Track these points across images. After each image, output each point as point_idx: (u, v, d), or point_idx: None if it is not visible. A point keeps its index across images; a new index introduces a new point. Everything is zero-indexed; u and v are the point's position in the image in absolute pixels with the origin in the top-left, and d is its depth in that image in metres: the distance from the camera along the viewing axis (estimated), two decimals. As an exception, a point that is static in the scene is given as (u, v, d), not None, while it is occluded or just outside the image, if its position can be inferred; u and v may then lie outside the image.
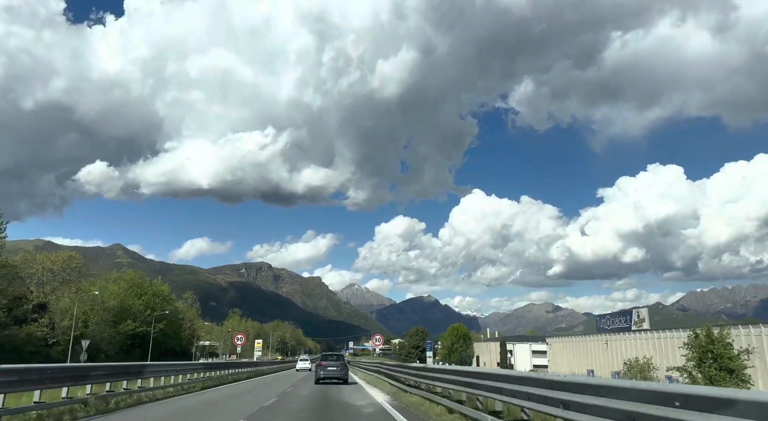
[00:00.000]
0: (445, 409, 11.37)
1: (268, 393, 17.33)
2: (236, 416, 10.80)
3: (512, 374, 9.18)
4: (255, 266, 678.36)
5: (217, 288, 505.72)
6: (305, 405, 13.39)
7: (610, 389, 5.48)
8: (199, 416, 11.60)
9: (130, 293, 65.34)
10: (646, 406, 4.75)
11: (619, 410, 5.19)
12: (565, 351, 75.38)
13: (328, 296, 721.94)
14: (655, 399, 4.64)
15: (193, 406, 13.31)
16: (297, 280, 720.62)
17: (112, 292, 60.89)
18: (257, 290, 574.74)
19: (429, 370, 16.18)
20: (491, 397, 9.55)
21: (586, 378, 8.17)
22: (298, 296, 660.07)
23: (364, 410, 12.30)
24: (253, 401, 14.50)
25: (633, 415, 4.92)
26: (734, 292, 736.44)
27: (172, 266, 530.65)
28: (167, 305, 72.25)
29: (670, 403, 4.41)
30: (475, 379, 10.46)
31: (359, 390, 19.68)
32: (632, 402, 4.98)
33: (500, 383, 9.02)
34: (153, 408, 12.41)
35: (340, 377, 23.66)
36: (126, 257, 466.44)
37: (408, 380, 18.78)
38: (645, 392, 4.91)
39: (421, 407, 12.52)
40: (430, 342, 54.82)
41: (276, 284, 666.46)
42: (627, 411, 5.03)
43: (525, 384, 7.95)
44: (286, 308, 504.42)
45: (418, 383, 16.54)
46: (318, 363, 25.30)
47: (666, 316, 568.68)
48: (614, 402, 5.32)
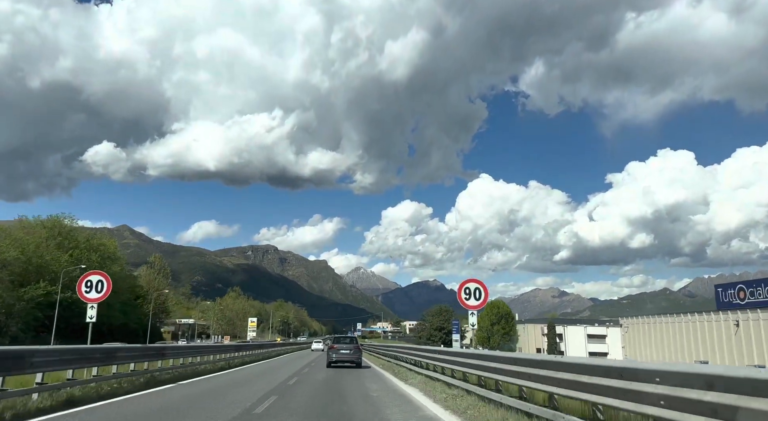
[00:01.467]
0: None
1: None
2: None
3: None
4: (261, 249, 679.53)
5: (223, 270, 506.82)
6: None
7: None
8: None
9: (49, 245, 46.52)
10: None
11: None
12: (649, 335, 59.74)
13: (334, 280, 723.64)
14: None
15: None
16: (303, 263, 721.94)
17: (14, 240, 41.54)
18: (263, 273, 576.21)
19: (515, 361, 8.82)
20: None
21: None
22: (304, 279, 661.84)
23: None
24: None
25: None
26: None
27: (180, 248, 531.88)
28: (112, 265, 52.04)
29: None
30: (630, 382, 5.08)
31: (389, 389, 13.48)
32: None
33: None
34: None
35: (353, 361, 22.97)
36: (133, 238, 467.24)
37: (451, 372, 13.65)
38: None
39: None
40: (457, 323, 48.39)
41: (282, 267, 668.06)
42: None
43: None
44: (292, 291, 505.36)
45: (482, 380, 11.01)
46: (330, 346, 24.48)
47: (673, 302, 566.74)
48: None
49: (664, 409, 4.53)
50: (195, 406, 9.79)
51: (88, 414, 8.43)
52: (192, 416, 8.56)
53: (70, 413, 8.38)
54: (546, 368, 7.39)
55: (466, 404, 9.73)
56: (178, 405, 9.81)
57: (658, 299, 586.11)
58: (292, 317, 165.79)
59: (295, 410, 9.31)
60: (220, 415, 8.44)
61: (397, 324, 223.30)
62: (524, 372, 8.22)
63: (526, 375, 8.17)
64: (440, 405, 10.20)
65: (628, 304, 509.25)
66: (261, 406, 9.57)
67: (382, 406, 10.13)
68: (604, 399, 5.67)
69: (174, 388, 12.99)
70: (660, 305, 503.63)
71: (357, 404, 10.41)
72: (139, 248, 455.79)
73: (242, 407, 9.41)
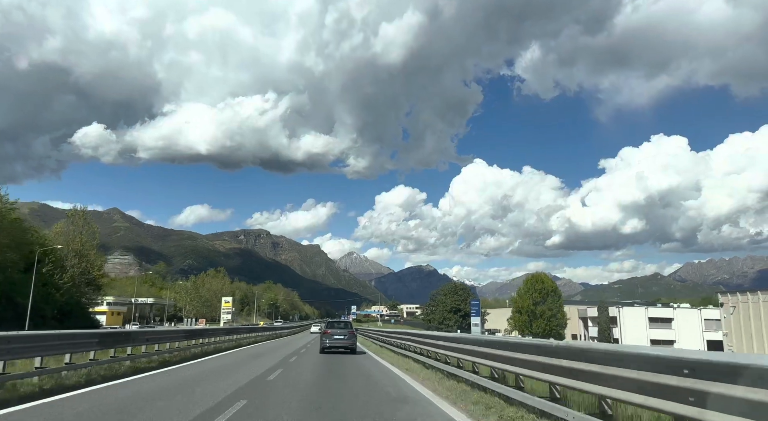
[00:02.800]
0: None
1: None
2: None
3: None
4: (254, 233, 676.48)
5: (215, 254, 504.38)
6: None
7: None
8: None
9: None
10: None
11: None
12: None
13: (327, 264, 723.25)
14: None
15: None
16: (296, 247, 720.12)
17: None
18: (256, 257, 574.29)
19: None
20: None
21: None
22: (297, 263, 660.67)
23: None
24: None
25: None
26: (732, 263, 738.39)
27: (171, 232, 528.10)
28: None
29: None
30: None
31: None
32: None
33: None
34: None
35: (347, 347, 22.13)
36: (123, 221, 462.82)
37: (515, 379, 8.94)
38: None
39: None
40: (477, 304, 41.00)
41: (275, 251, 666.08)
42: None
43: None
44: (284, 275, 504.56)
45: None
46: (323, 331, 23.51)
47: (664, 286, 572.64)
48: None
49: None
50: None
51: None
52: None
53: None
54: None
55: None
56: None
57: (649, 283, 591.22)
58: (282, 299, 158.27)
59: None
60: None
61: (393, 307, 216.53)
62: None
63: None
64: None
65: (619, 289, 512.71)
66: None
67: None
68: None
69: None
70: (651, 290, 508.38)
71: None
72: (129, 232, 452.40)
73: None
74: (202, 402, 7.99)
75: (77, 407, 7.58)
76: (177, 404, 7.84)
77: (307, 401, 8.60)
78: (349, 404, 8.39)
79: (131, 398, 8.51)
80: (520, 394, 7.79)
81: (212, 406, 7.66)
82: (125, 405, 7.80)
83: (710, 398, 3.43)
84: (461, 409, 8.15)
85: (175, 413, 7.14)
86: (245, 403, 8.02)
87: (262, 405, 7.99)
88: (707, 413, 3.42)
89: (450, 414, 7.70)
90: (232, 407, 7.55)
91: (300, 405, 8.13)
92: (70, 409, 7.40)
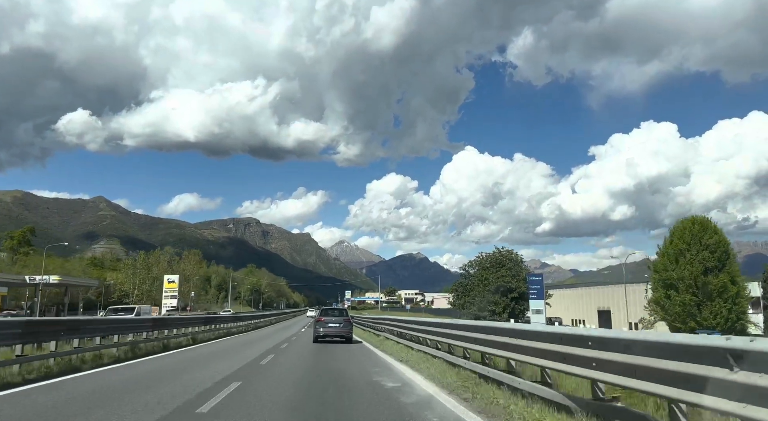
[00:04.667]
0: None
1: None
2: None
3: None
4: (243, 222, 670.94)
5: (204, 243, 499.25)
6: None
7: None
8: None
9: None
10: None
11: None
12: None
13: (318, 253, 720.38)
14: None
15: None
16: (286, 236, 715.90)
17: None
18: (245, 245, 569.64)
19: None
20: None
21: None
22: (287, 252, 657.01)
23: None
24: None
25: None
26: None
27: (158, 220, 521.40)
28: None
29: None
30: None
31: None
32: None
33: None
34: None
35: (342, 335, 21.52)
36: (109, 209, 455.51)
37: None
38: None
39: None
40: (539, 281, 28.57)
41: (265, 240, 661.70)
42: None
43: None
44: (275, 263, 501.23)
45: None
46: (317, 318, 22.78)
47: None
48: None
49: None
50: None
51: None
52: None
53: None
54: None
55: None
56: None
57: (638, 269, 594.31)
58: (265, 285, 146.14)
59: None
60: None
61: (391, 293, 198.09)
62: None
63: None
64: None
65: (608, 274, 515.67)
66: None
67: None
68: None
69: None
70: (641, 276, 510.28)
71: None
72: (115, 220, 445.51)
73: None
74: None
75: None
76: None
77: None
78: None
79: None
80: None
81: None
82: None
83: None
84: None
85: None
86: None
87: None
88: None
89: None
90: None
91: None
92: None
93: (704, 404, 3.86)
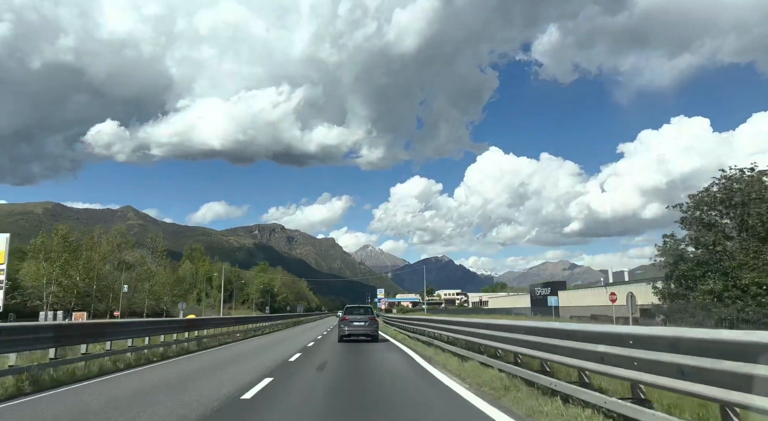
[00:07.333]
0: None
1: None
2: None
3: None
4: (268, 228, 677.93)
5: (229, 249, 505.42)
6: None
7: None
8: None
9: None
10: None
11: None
12: None
13: (343, 258, 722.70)
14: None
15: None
16: (311, 241, 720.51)
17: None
18: (270, 251, 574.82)
19: None
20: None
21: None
22: (312, 257, 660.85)
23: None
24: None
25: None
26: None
27: (185, 228, 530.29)
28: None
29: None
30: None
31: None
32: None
33: None
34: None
35: (368, 334, 21.49)
36: (137, 218, 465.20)
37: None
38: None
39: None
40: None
41: (290, 246, 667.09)
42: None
43: None
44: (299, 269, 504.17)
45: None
46: (342, 318, 22.51)
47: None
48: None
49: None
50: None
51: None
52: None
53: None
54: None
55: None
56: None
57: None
58: (280, 285, 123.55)
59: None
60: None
61: (430, 294, 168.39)
62: None
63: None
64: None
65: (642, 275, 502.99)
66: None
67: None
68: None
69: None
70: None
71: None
72: (143, 229, 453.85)
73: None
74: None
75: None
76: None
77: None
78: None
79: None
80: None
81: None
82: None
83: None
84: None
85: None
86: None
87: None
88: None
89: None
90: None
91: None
92: None
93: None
